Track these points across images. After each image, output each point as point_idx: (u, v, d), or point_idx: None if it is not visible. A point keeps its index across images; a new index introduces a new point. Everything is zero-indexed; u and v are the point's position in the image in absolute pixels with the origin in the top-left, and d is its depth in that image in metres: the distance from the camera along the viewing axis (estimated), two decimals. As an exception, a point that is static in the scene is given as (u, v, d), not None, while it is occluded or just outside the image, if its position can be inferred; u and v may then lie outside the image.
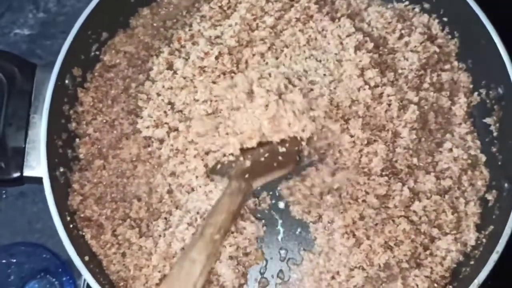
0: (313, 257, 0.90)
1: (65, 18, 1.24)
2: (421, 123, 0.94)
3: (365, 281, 0.87)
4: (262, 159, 0.87)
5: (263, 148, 0.87)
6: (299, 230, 0.93)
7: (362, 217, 0.89)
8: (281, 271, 0.91)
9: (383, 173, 0.90)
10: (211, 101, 0.92)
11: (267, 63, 0.95)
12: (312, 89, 0.91)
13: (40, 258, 1.05)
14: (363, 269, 0.87)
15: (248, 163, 0.87)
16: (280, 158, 0.87)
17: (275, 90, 0.87)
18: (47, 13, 1.24)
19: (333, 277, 0.88)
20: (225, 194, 0.83)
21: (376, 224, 0.88)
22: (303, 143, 0.88)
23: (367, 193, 0.89)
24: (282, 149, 0.88)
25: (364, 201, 0.89)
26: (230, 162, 0.88)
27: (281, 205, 0.94)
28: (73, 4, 1.23)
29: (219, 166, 0.89)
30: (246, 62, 0.95)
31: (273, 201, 0.94)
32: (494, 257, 0.81)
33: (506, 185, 0.88)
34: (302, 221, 0.93)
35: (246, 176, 0.85)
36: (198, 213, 0.89)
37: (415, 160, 0.92)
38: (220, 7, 0.99)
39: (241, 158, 0.87)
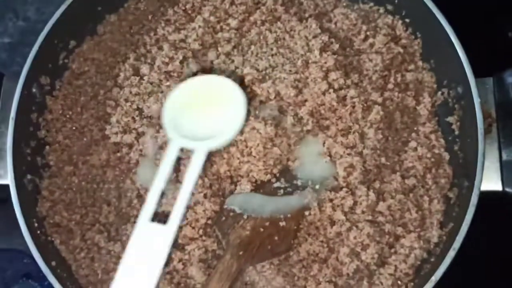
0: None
1: (44, 25, 1.25)
2: (387, 123, 0.95)
3: None
4: (262, 229, 0.88)
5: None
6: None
7: (324, 242, 0.89)
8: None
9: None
10: None
11: (233, 61, 0.96)
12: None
13: (22, 263, 1.07)
14: (332, 281, 0.88)
15: (249, 227, 0.88)
16: (276, 238, 0.88)
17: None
18: (26, 21, 1.25)
19: None
20: (217, 273, 0.84)
21: (340, 234, 0.89)
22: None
23: (334, 210, 0.90)
24: (282, 223, 0.89)
25: (324, 228, 0.90)
26: (235, 216, 0.89)
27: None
28: (52, 12, 1.21)
29: (223, 218, 0.90)
30: (212, 62, 0.97)
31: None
32: (451, 254, 0.82)
33: (465, 182, 0.89)
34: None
35: (241, 253, 0.86)
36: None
37: (383, 159, 0.93)
38: (184, 10, 1.00)
39: (245, 216, 0.89)
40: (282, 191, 0.91)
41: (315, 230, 0.90)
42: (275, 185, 0.92)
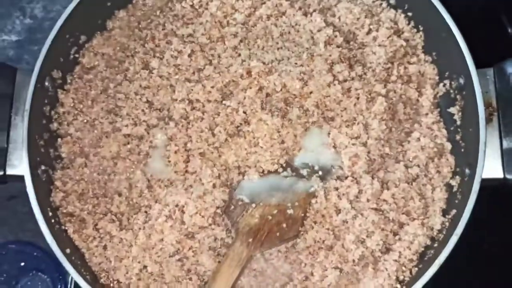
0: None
1: (51, 23, 1.25)
2: (390, 114, 0.97)
3: (340, 277, 0.90)
4: (270, 217, 0.91)
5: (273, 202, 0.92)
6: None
7: (330, 229, 0.92)
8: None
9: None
10: (188, 100, 0.96)
11: (239, 55, 0.99)
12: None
13: (32, 256, 1.09)
14: (338, 267, 0.90)
15: (257, 215, 0.91)
16: (284, 225, 0.91)
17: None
18: (33, 19, 1.27)
19: (306, 278, 0.91)
20: (227, 259, 0.88)
21: (346, 222, 0.91)
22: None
23: (339, 198, 0.92)
24: (290, 211, 0.91)
25: (330, 216, 0.92)
26: (243, 205, 0.92)
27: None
28: (58, 10, 1.26)
29: (232, 207, 0.92)
30: (219, 56, 0.99)
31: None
32: (453, 240, 0.85)
33: (467, 170, 0.91)
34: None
35: (250, 240, 0.89)
36: (177, 206, 0.93)
37: (387, 149, 0.96)
38: (192, 6, 1.03)
39: (253, 205, 0.92)
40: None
41: (321, 218, 0.92)
42: (282, 175, 0.94)
